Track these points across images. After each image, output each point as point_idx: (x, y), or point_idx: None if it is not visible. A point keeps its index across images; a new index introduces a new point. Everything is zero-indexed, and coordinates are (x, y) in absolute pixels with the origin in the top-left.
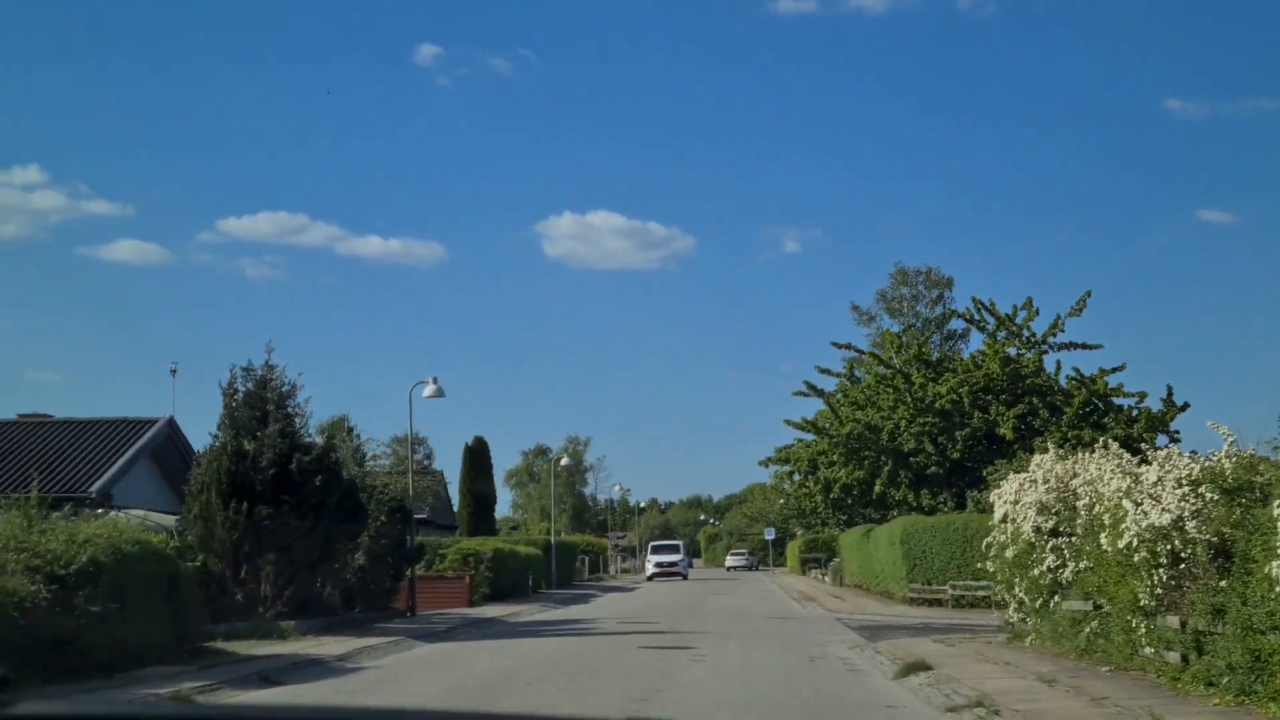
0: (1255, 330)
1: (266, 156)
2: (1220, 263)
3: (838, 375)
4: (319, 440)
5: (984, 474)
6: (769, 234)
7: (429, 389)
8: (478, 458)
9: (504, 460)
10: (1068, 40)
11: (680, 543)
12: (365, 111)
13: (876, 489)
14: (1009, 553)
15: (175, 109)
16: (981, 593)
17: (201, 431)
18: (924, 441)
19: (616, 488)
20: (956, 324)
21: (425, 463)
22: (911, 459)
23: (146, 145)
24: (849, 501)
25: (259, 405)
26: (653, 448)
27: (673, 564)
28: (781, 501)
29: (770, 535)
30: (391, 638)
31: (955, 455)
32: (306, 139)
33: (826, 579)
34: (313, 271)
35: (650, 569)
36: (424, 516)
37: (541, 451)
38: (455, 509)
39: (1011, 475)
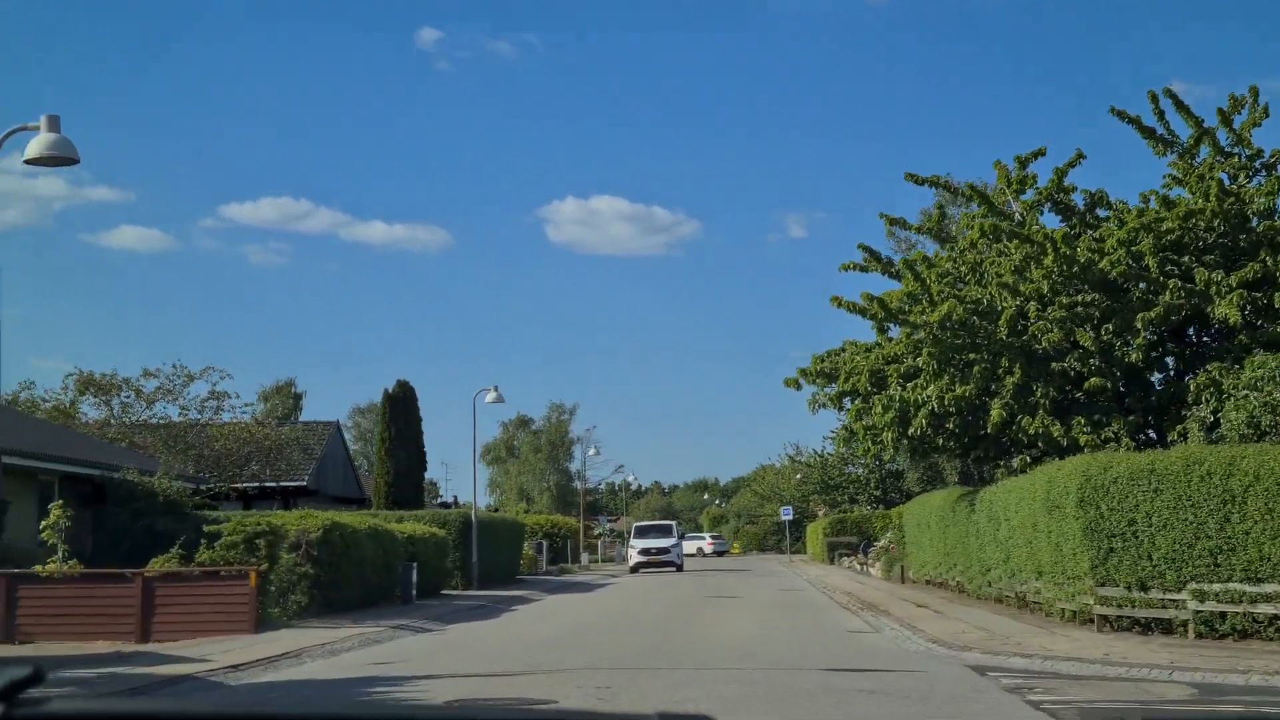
0: None
1: (268, 142)
2: None
3: (916, 231)
4: None
5: (1195, 385)
6: (775, 218)
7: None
8: (400, 410)
9: (484, 433)
10: (1072, 25)
11: (673, 523)
12: (367, 96)
13: (993, 415)
14: None
15: (177, 94)
16: (1268, 608)
17: None
18: (1077, 334)
19: (620, 468)
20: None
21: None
22: (1054, 364)
23: (148, 131)
24: (942, 440)
25: None
26: (658, 433)
27: (663, 550)
28: (799, 477)
29: (787, 515)
30: None
31: (1134, 356)
32: (308, 124)
33: (873, 571)
34: (318, 258)
35: (634, 557)
36: (300, 484)
37: (524, 423)
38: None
39: None
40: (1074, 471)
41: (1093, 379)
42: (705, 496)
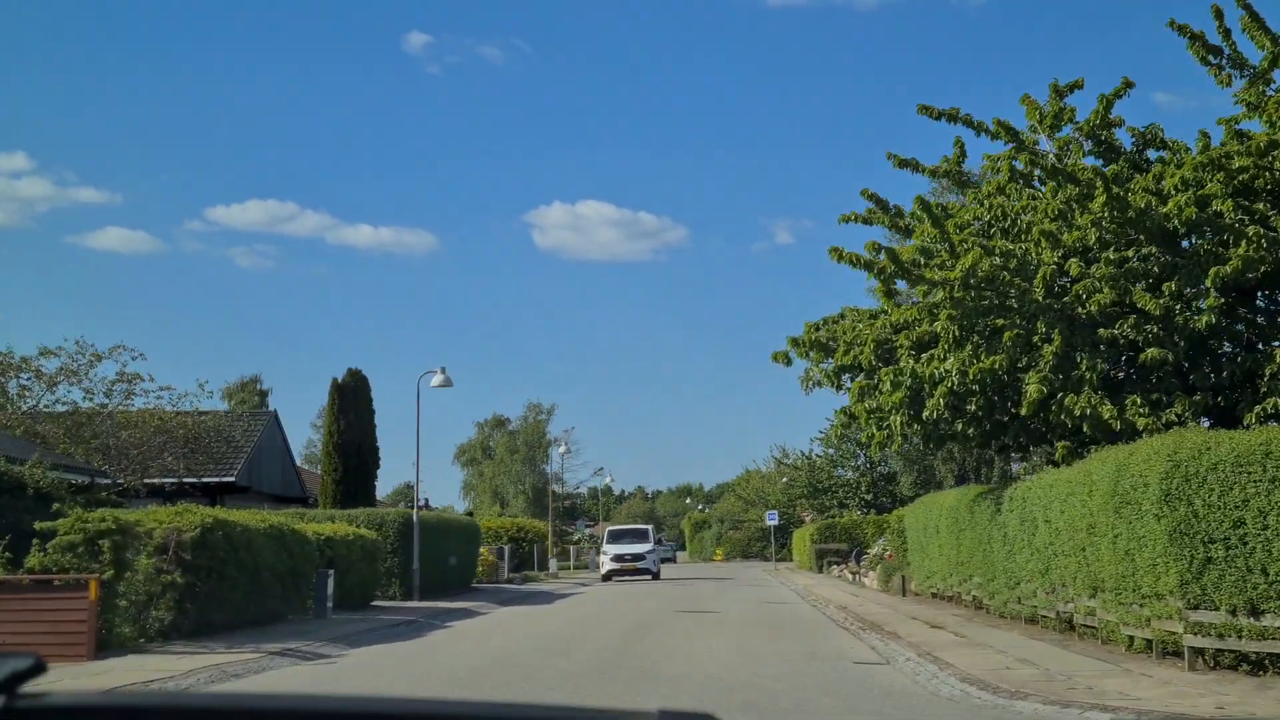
0: None
1: (255, 144)
2: None
3: (931, 175)
4: None
5: None
6: (762, 225)
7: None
8: (350, 401)
9: (458, 434)
10: (1057, 28)
11: (649, 528)
12: (355, 99)
13: (1029, 392)
14: None
15: (163, 96)
16: None
17: None
18: (1133, 293)
19: (598, 470)
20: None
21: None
22: (1102, 331)
23: (134, 132)
24: (961, 425)
25: None
26: (643, 439)
27: (638, 557)
28: (785, 480)
29: (773, 520)
30: None
31: (1202, 322)
32: (296, 127)
33: (868, 581)
34: (305, 260)
35: (606, 565)
36: (228, 480)
37: (500, 422)
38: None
39: None
40: (1156, 456)
41: (1150, 350)
42: (688, 501)
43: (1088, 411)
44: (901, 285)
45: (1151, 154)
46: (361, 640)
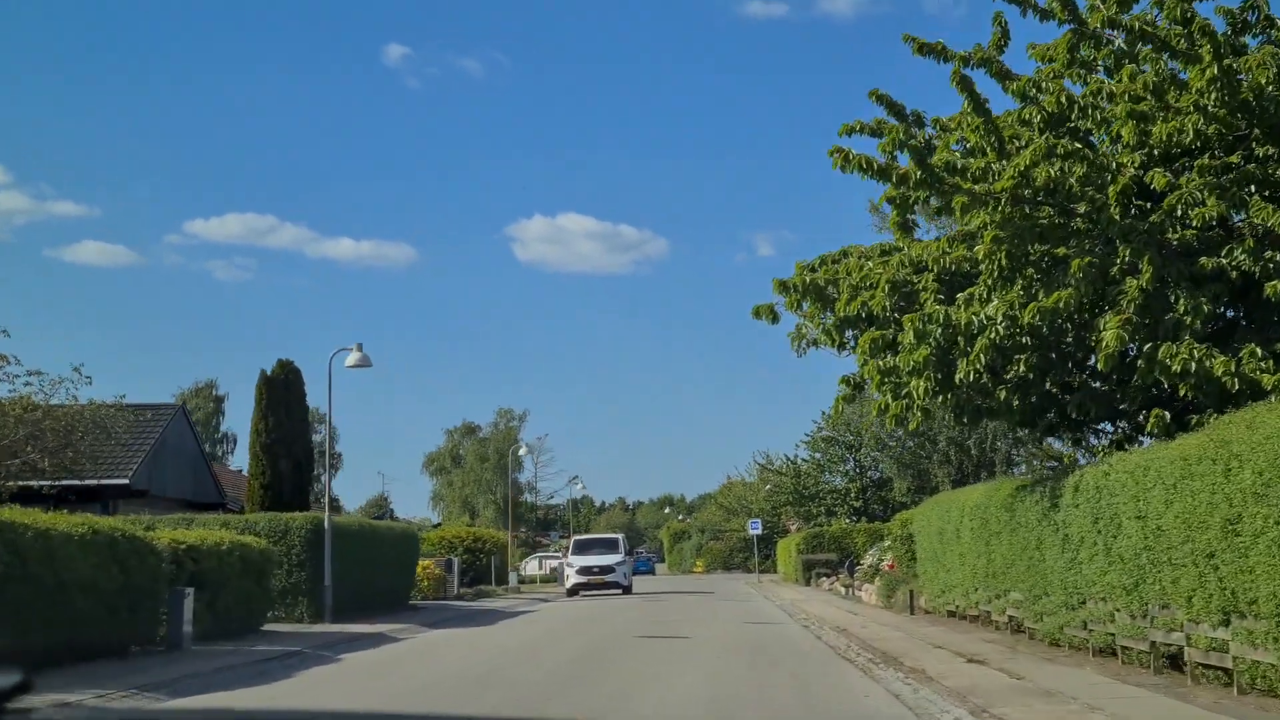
0: None
1: (234, 157)
2: None
3: (960, 61)
4: None
5: None
6: (744, 237)
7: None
8: (280, 397)
9: (428, 441)
10: (1044, 36)
11: (620, 537)
12: (334, 111)
13: (1106, 340)
14: None
15: (140, 109)
16: None
17: None
18: (1250, 206)
19: (573, 479)
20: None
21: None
22: (1204, 260)
23: (112, 145)
24: (1005, 393)
25: None
26: (625, 451)
27: (606, 569)
28: (769, 488)
29: (755, 529)
30: None
31: None
32: (274, 139)
33: (865, 596)
34: (284, 273)
35: (572, 578)
36: (120, 482)
37: (470, 430)
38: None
39: None
40: None
41: (1274, 282)
42: (666, 511)
43: (1191, 366)
44: (921, 226)
45: (1251, 41)
46: (197, 684)
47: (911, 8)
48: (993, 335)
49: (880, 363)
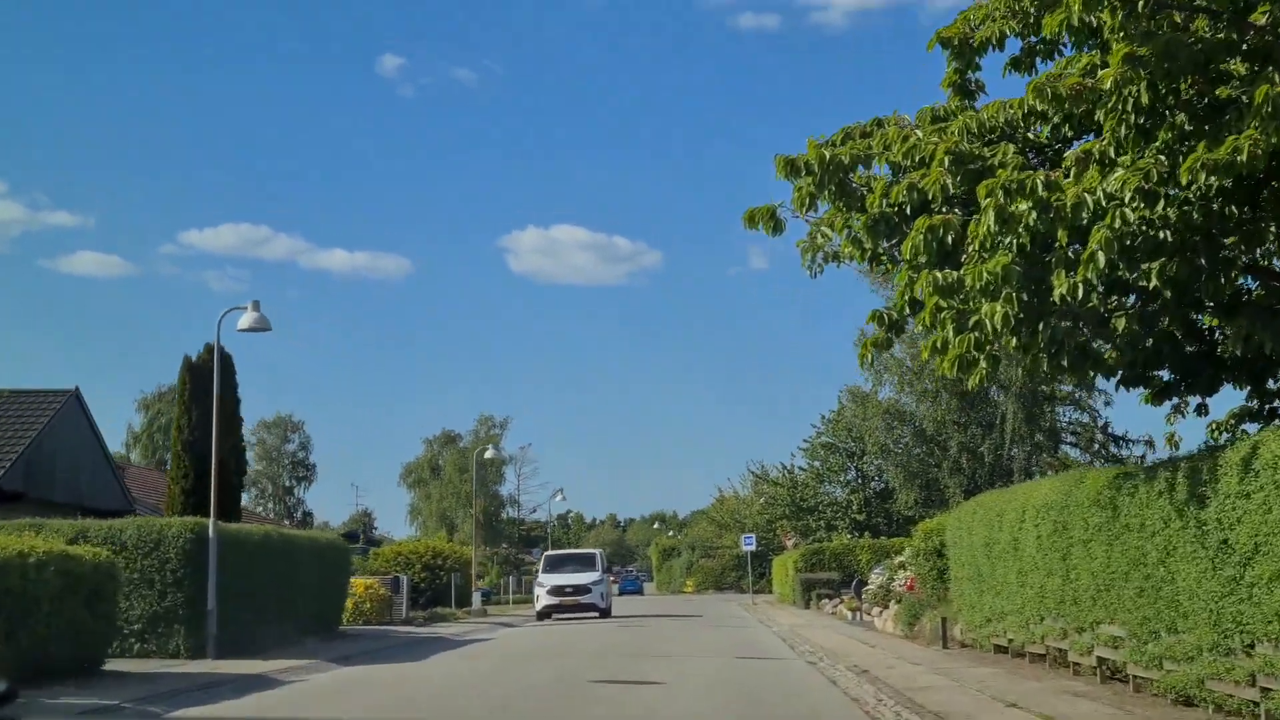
0: None
1: (228, 168)
2: None
3: None
4: None
5: None
6: (737, 249)
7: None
8: (203, 387)
9: (407, 450)
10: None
11: (597, 553)
12: (328, 122)
13: None
14: None
15: (135, 119)
16: None
17: None
18: None
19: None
20: None
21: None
22: None
23: (107, 155)
24: (1125, 323)
25: None
26: (618, 468)
27: (581, 589)
28: (763, 500)
29: (749, 545)
30: None
31: None
32: (269, 149)
33: (880, 623)
34: (278, 284)
35: (543, 599)
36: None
37: (450, 439)
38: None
39: None
40: None
41: None
42: (656, 527)
43: None
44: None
45: None
46: None
47: (904, 18)
48: (1117, 223)
49: (938, 276)
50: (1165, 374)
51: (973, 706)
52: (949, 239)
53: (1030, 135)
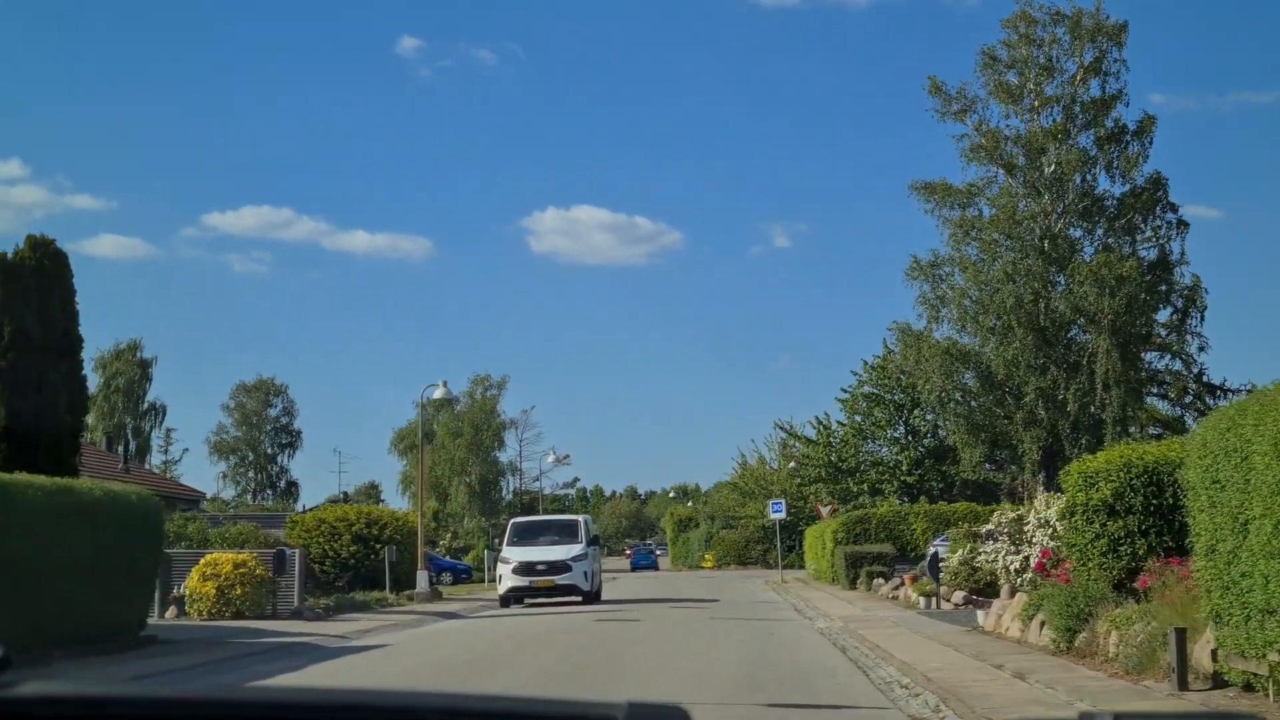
0: None
1: (249, 150)
2: None
3: None
4: None
5: None
6: (759, 229)
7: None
8: (21, 292)
9: (400, 415)
10: None
11: (581, 520)
12: (348, 104)
13: None
14: None
15: (156, 102)
16: None
17: None
18: None
19: (564, 457)
20: None
21: None
22: None
23: (129, 139)
24: None
25: None
26: (640, 445)
27: (558, 567)
28: (792, 465)
29: (778, 512)
30: None
31: None
32: (289, 131)
33: (989, 621)
34: (300, 267)
35: (507, 579)
36: None
37: (447, 403)
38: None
39: None
40: None
41: None
42: (672, 497)
43: None
44: None
45: None
46: None
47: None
48: None
49: None
50: None
51: None
52: None
53: None
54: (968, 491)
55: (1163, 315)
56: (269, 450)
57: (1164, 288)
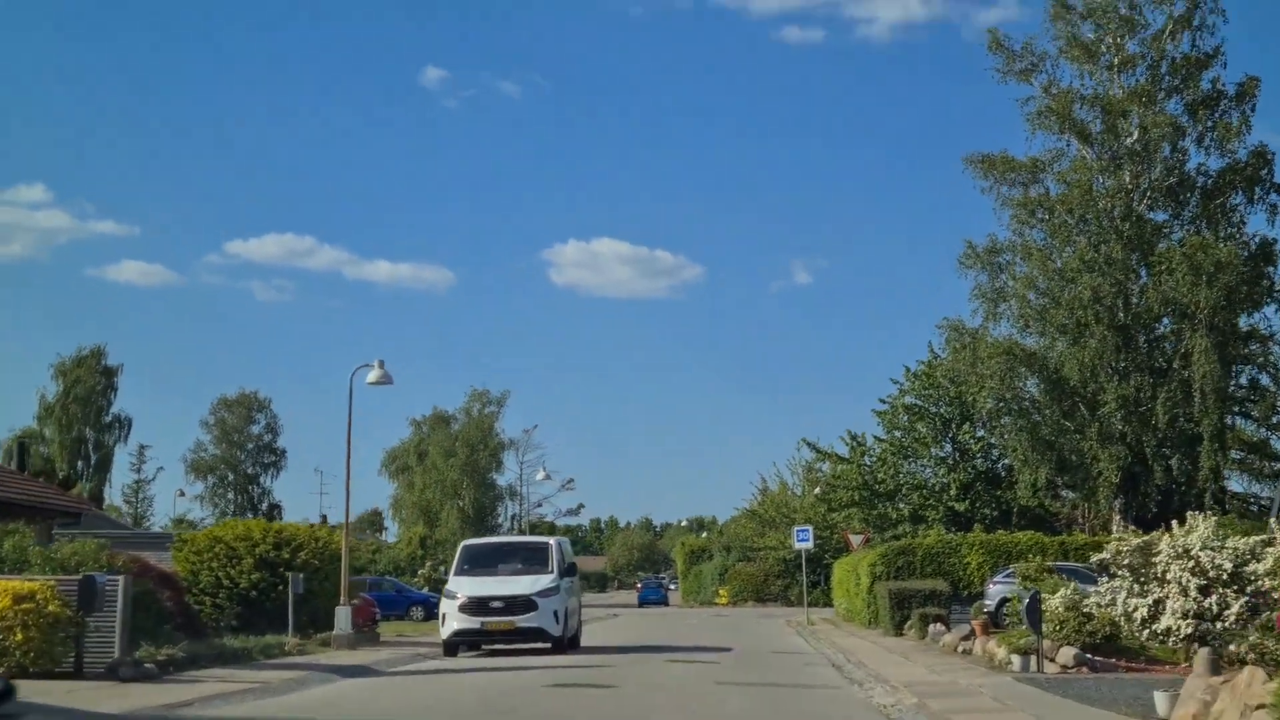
0: None
1: (272, 178)
2: None
3: None
4: None
5: None
6: (780, 264)
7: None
8: None
9: (391, 434)
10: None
11: (551, 543)
12: (372, 134)
13: None
14: None
15: (181, 129)
16: None
17: None
18: None
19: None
20: None
21: None
22: None
23: (152, 165)
24: None
25: None
26: (656, 478)
27: (517, 605)
28: (817, 492)
29: (804, 540)
30: None
31: None
32: (312, 160)
33: (1166, 705)
34: (322, 295)
35: (452, 621)
36: None
37: (442, 419)
38: None
39: None
40: None
41: None
42: (685, 525)
43: None
44: None
45: None
46: None
47: (947, 34)
48: None
49: None
50: None
51: None
52: None
53: None
54: (1022, 522)
55: (1259, 315)
56: (249, 470)
57: (1266, 282)
